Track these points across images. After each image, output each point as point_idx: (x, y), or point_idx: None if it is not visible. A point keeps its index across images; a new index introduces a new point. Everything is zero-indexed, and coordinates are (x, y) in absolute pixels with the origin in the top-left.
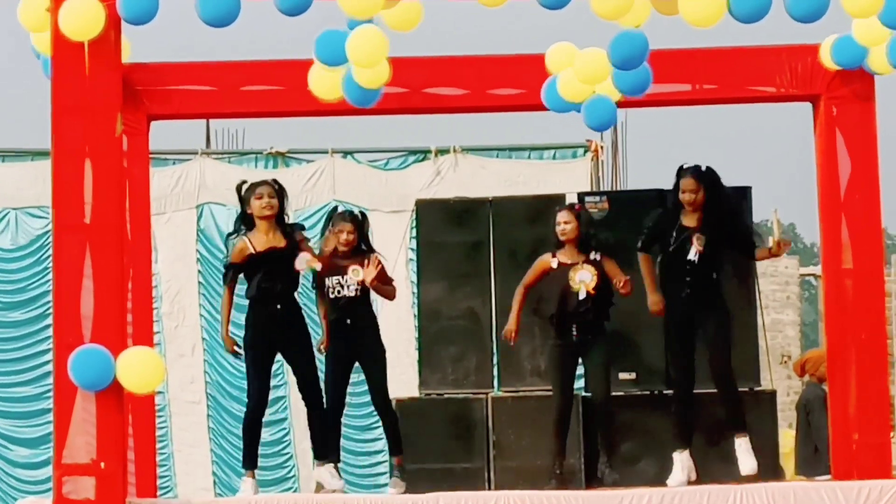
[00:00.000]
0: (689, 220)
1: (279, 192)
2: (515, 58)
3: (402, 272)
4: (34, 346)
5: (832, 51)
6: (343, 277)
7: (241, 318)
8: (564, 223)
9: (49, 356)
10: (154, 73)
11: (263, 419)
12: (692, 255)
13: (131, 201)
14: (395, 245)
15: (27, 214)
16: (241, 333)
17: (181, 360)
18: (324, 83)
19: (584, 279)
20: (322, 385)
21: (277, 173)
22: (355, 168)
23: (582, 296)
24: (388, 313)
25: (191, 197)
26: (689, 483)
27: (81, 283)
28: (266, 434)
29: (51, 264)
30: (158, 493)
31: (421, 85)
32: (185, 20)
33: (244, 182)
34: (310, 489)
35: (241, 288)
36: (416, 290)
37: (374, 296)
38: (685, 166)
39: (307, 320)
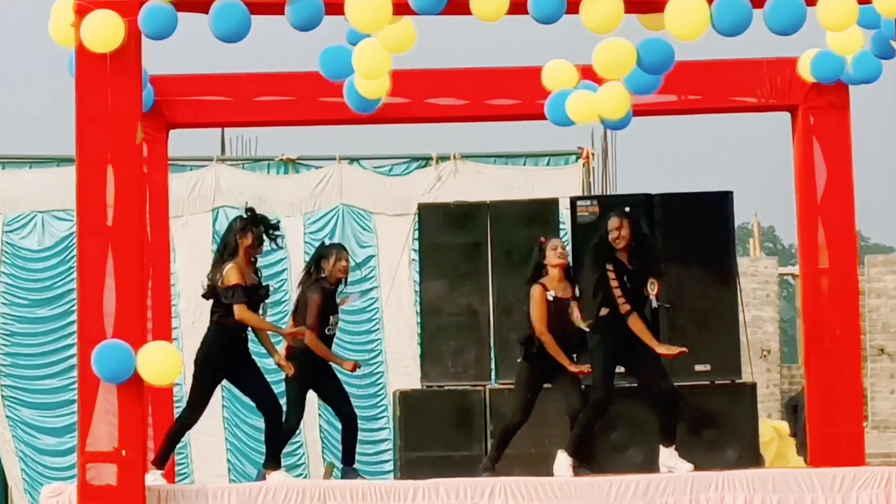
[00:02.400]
0: (628, 262)
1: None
2: (511, 70)
3: (406, 272)
4: (59, 340)
5: (812, 66)
6: (336, 316)
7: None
8: (562, 247)
9: (73, 350)
10: (173, 84)
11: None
12: (651, 291)
13: (151, 205)
14: (398, 246)
15: (53, 217)
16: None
17: None
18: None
19: (578, 317)
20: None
21: (288, 179)
22: (361, 174)
23: (586, 329)
24: (391, 310)
25: (207, 201)
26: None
27: (104, 282)
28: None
29: (75, 264)
30: (176, 479)
31: (423, 96)
32: (203, 35)
33: (252, 211)
34: (318, 476)
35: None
36: (418, 289)
37: (373, 295)
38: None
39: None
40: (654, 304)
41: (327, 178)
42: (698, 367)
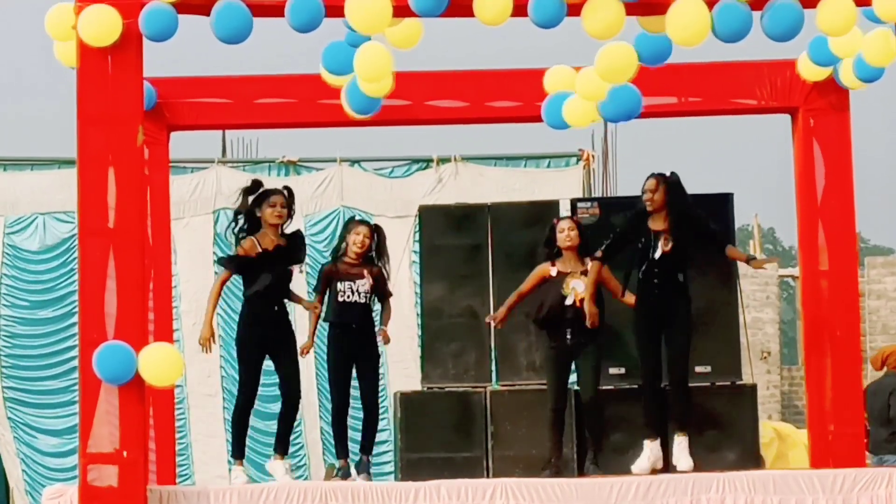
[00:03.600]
0: (655, 224)
1: (289, 202)
2: (512, 72)
3: (406, 273)
4: (61, 342)
5: (809, 50)
6: (355, 283)
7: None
8: (569, 230)
9: (75, 352)
10: (174, 86)
11: (265, 411)
12: (656, 254)
13: (152, 207)
14: (399, 248)
15: (54, 219)
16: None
17: (199, 355)
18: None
19: (576, 287)
20: (300, 392)
21: (289, 181)
22: (362, 176)
23: (569, 301)
24: (392, 312)
25: (208, 203)
26: (654, 471)
27: (105, 284)
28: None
29: (76, 266)
30: (177, 480)
31: (424, 98)
32: (204, 37)
33: (257, 183)
34: (319, 477)
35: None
36: (419, 290)
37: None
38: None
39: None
40: (656, 255)
41: (328, 179)
42: (698, 369)
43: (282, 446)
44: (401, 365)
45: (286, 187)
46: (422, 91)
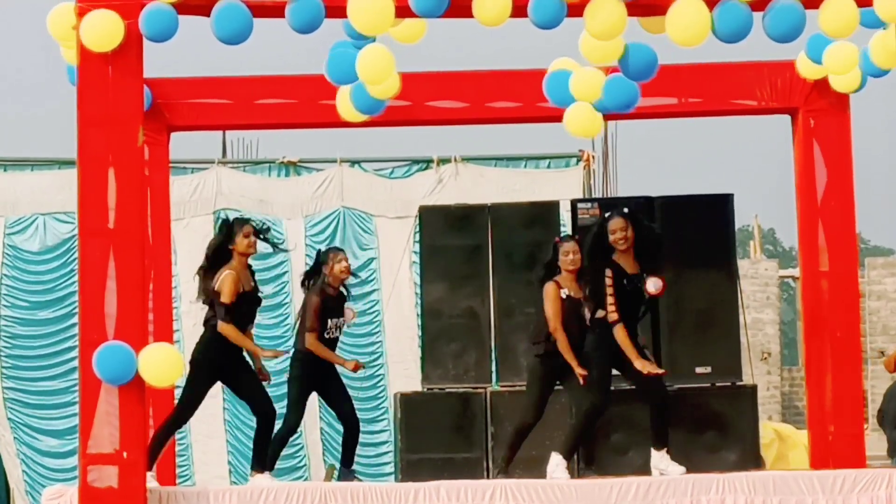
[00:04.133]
0: (627, 265)
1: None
2: (512, 73)
3: (406, 274)
4: (61, 342)
5: (807, 48)
6: (338, 320)
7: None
8: (573, 253)
9: (75, 352)
10: (174, 87)
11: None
12: (652, 289)
13: (152, 207)
14: (399, 249)
15: (54, 219)
16: None
17: None
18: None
19: (587, 316)
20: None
21: (289, 181)
22: (362, 176)
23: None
24: (392, 313)
25: (208, 203)
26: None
27: (105, 284)
28: (277, 426)
29: (76, 266)
30: (177, 481)
31: (424, 98)
32: (204, 38)
33: (232, 220)
34: (319, 477)
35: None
36: (419, 291)
37: (374, 297)
38: (607, 214)
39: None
40: (653, 289)
41: (328, 180)
42: (699, 370)
43: (259, 464)
44: (401, 365)
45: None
46: (422, 91)
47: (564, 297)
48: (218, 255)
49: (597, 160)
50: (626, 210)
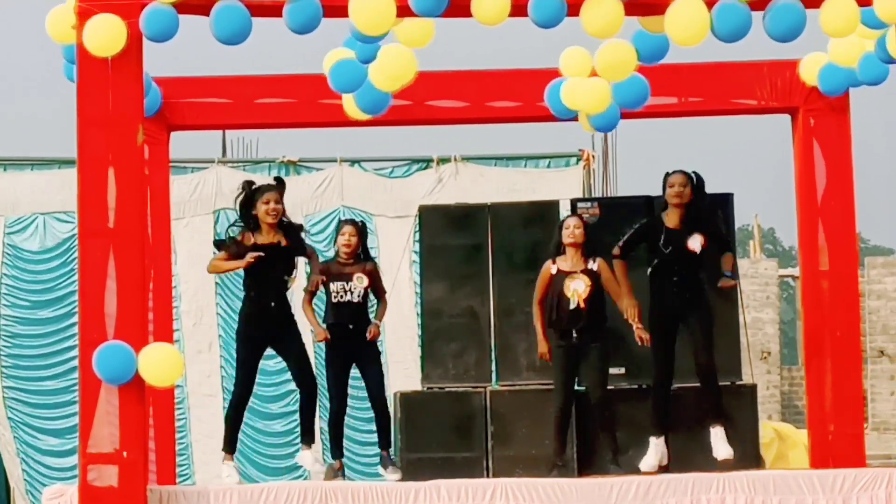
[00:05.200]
0: (671, 221)
1: (282, 195)
2: (512, 72)
3: (406, 273)
4: (61, 342)
5: (819, 80)
6: (348, 283)
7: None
8: (574, 227)
9: (75, 352)
10: (174, 86)
11: (274, 410)
12: (694, 245)
13: (152, 207)
14: (399, 248)
15: (54, 219)
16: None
17: (199, 355)
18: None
19: (577, 289)
20: (315, 376)
21: (289, 181)
22: (362, 176)
23: (573, 305)
24: (392, 312)
25: (208, 203)
26: (661, 467)
27: (105, 284)
28: (278, 425)
29: (76, 266)
30: (177, 480)
31: (424, 98)
32: (204, 38)
33: (250, 183)
34: (318, 478)
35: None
36: (419, 290)
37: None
38: (673, 169)
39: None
40: (694, 246)
41: (328, 180)
42: None
43: (308, 436)
44: (401, 365)
45: (278, 180)
46: (422, 91)
47: (554, 272)
48: (244, 222)
49: (597, 160)
50: (693, 172)
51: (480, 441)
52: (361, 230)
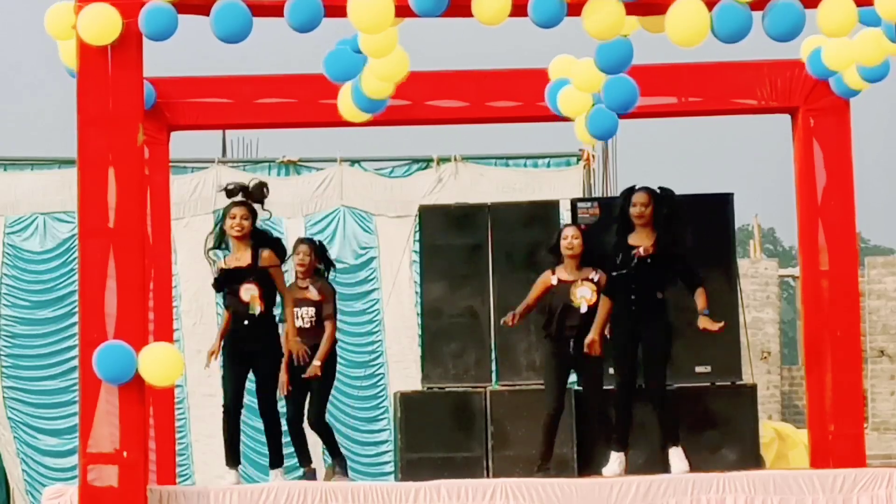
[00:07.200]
0: (637, 239)
1: (252, 210)
2: (512, 72)
3: (406, 273)
4: (61, 342)
5: (808, 63)
6: (301, 309)
7: None
8: (572, 237)
9: (75, 352)
10: (174, 86)
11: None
12: (634, 267)
13: (152, 207)
14: (399, 248)
15: (54, 219)
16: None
17: (199, 355)
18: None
19: (584, 295)
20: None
21: (289, 180)
22: (362, 175)
23: (583, 310)
24: (392, 312)
25: (208, 202)
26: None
27: (105, 284)
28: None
29: (76, 266)
30: (177, 480)
31: (424, 98)
32: (203, 37)
33: (230, 187)
34: (319, 478)
35: None
36: (419, 290)
37: (374, 296)
38: (636, 186)
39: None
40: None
41: (328, 179)
42: (699, 369)
43: (276, 459)
44: (401, 365)
45: (258, 185)
46: (422, 91)
47: (555, 282)
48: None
49: (597, 159)
50: (659, 187)
51: (480, 441)
52: (316, 248)
